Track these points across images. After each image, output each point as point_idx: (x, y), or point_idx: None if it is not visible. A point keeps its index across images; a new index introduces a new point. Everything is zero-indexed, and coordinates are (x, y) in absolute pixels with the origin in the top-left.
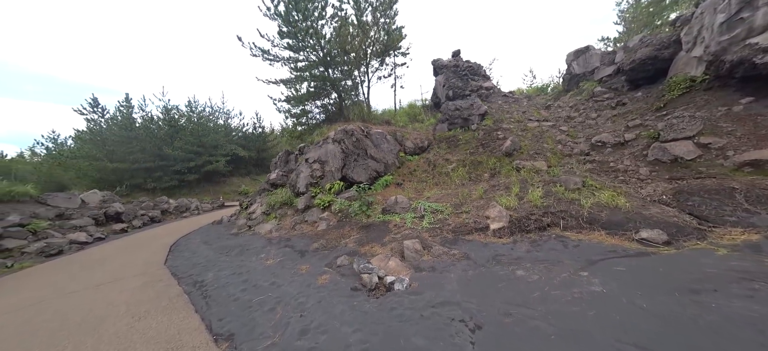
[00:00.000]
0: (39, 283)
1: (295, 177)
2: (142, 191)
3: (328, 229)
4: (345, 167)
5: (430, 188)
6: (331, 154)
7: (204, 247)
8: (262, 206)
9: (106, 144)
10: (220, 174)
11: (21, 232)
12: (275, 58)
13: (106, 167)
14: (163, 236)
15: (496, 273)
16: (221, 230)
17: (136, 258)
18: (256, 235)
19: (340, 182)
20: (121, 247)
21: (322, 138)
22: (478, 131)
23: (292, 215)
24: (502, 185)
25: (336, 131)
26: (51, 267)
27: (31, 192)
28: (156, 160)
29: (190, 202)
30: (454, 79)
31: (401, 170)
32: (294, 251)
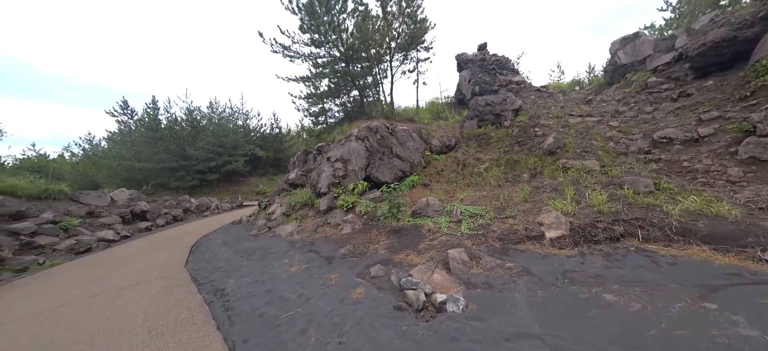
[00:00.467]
0: (63, 285)
1: (316, 176)
2: (165, 190)
3: (354, 233)
4: (369, 166)
5: (462, 189)
6: (354, 152)
7: (224, 248)
8: (281, 207)
9: (134, 144)
10: (238, 174)
11: (54, 229)
12: (295, 54)
13: (133, 166)
14: (185, 236)
15: (576, 296)
16: (241, 231)
17: (157, 259)
18: (276, 237)
19: (364, 182)
20: (144, 246)
21: (344, 136)
22: (513, 128)
23: (313, 217)
24: (548, 187)
25: (359, 128)
26: (78, 266)
27: (65, 190)
28: (179, 159)
29: (211, 201)
30: (480, 73)
31: (427, 170)
32: (319, 257)
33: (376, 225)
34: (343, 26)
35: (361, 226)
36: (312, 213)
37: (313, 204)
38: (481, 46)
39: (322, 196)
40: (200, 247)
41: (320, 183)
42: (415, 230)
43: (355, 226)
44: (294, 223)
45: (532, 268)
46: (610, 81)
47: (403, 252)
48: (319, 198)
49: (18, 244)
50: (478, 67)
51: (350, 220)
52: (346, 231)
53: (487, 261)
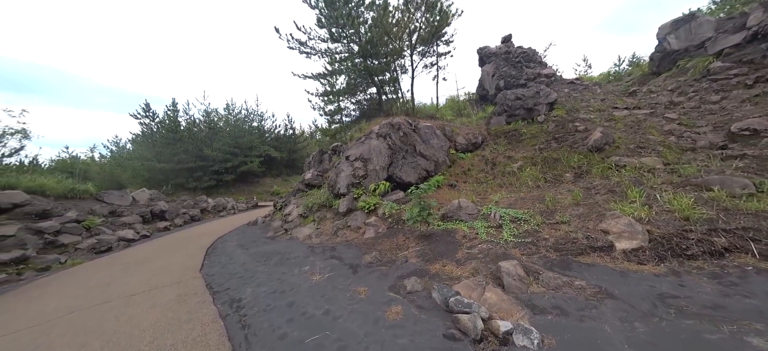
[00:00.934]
0: (78, 287)
1: (334, 176)
2: (184, 190)
3: (378, 238)
4: (391, 165)
5: (494, 190)
6: (375, 150)
7: (240, 251)
8: (298, 208)
9: (155, 145)
10: (253, 174)
11: (77, 228)
12: (312, 50)
13: (154, 167)
14: (201, 237)
15: (699, 335)
16: (257, 232)
17: (173, 261)
18: (294, 241)
19: (386, 183)
20: (161, 246)
21: (363, 133)
22: (548, 123)
23: (332, 219)
24: (600, 188)
25: (380, 125)
26: (96, 266)
27: (90, 189)
28: (197, 160)
29: (227, 201)
30: (505, 67)
31: (453, 169)
32: (343, 265)
33: (401, 229)
34: (362, 19)
35: (385, 229)
36: (330, 215)
37: (332, 205)
38: (505, 39)
39: (340, 197)
40: (216, 249)
41: (339, 183)
42: (447, 236)
43: (378, 230)
44: (312, 225)
45: (612, 289)
46: (657, 70)
47: (439, 261)
48: (338, 199)
49: (42, 243)
50: (502, 61)
51: (373, 224)
52: (370, 235)
53: (548, 277)
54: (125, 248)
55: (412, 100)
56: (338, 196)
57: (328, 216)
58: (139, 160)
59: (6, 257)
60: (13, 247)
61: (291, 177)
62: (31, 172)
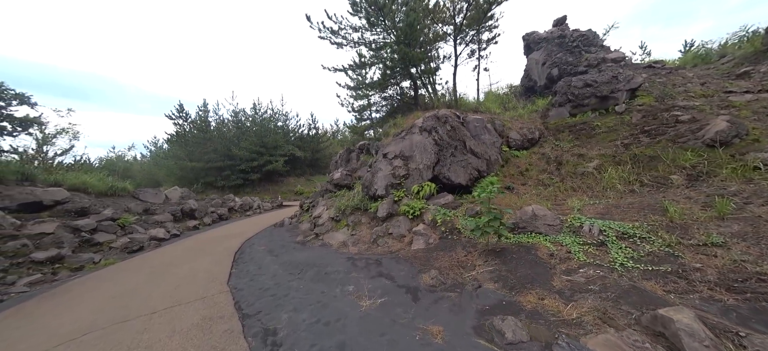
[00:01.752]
0: (101, 297)
1: (370, 177)
2: (212, 189)
3: (431, 251)
4: (438, 164)
5: (566, 194)
6: (418, 147)
7: (270, 259)
8: (329, 210)
9: (187, 145)
10: (278, 174)
11: (112, 226)
12: (344, 40)
13: (186, 166)
14: (228, 238)
15: None
16: (285, 236)
17: (199, 266)
18: (327, 248)
19: (431, 184)
20: (189, 248)
21: (403, 128)
22: (631, 113)
23: (369, 224)
24: (748, 194)
25: (425, 118)
26: (126, 268)
27: (128, 188)
28: (225, 159)
29: (253, 200)
30: (559, 53)
31: (507, 169)
32: (396, 286)
33: (458, 241)
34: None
35: (437, 240)
36: (366, 219)
37: (367, 208)
38: (558, 21)
39: (378, 199)
40: (244, 254)
41: (375, 184)
42: (526, 254)
43: (429, 241)
44: (345, 230)
45: None
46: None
47: (529, 291)
48: (375, 201)
49: (78, 241)
50: (555, 46)
51: (422, 232)
52: (418, 246)
53: (761, 342)
54: (156, 248)
55: (454, 91)
56: (375, 199)
57: (363, 220)
58: (173, 159)
59: (42, 256)
60: (50, 245)
61: (314, 177)
62: (78, 169)
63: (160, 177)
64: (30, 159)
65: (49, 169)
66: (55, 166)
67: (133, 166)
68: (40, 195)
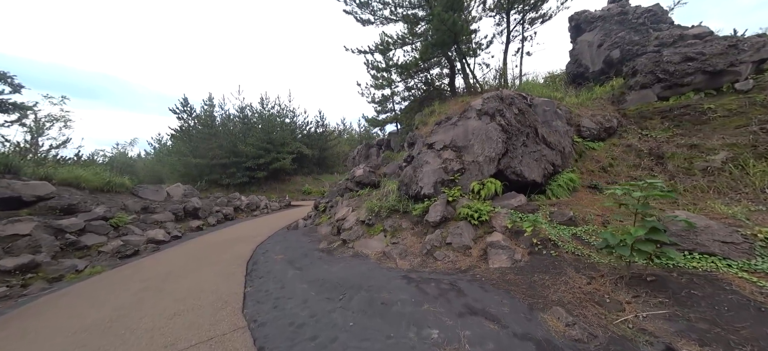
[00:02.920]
0: (71, 327)
1: (411, 172)
2: (217, 187)
3: (523, 271)
4: (506, 155)
5: (696, 197)
6: (477, 134)
7: (293, 273)
8: (356, 212)
9: (191, 141)
10: (285, 172)
11: (104, 226)
12: (372, 15)
13: (190, 162)
14: (237, 242)
15: None
16: (303, 241)
17: (205, 280)
18: (363, 259)
19: (495, 181)
20: (192, 254)
21: (450, 114)
22: (764, 91)
23: (412, 230)
24: None
25: (485, 99)
26: (113, 281)
27: (127, 183)
28: (231, 156)
29: (260, 199)
30: (621, 32)
31: (583, 164)
32: (511, 335)
33: (561, 258)
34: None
35: (526, 256)
36: (408, 224)
37: (409, 210)
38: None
39: (423, 199)
40: (258, 265)
41: (420, 181)
42: (709, 288)
43: (515, 256)
44: (382, 237)
45: None
46: None
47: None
48: (420, 202)
49: (60, 245)
50: (615, 25)
51: (502, 245)
52: (500, 263)
53: None
54: (154, 252)
55: (503, 73)
56: (419, 199)
57: (404, 225)
58: (176, 155)
59: (12, 264)
60: (24, 249)
61: (321, 176)
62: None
63: (163, 174)
64: (22, 151)
65: (39, 161)
66: (50, 159)
67: (137, 163)
68: (19, 189)
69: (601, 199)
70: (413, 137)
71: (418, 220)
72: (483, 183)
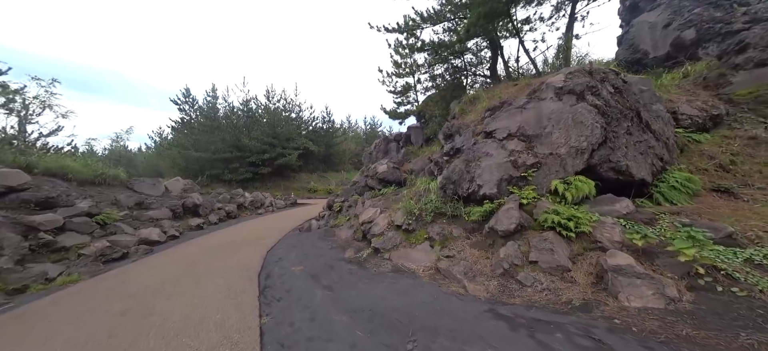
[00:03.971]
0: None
1: (462, 167)
2: (219, 182)
3: (702, 319)
4: (604, 146)
5: None
6: (560, 119)
7: (322, 294)
8: (387, 214)
9: (193, 133)
10: (290, 168)
11: (87, 224)
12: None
13: (191, 156)
14: (243, 245)
15: None
16: (322, 247)
17: (205, 302)
18: (409, 275)
19: (585, 179)
20: (190, 259)
21: (512, 97)
22: None
23: (466, 239)
24: None
25: (567, 74)
26: (89, 295)
27: (121, 176)
28: (234, 150)
29: (264, 197)
30: (696, 9)
31: (689, 159)
32: None
33: (759, 302)
34: None
35: (688, 294)
36: (460, 231)
37: (459, 214)
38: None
39: (480, 201)
40: (272, 278)
41: (478, 178)
42: None
43: (668, 293)
44: (428, 247)
45: None
46: None
47: None
48: (475, 204)
49: (30, 246)
50: (688, 0)
51: (639, 273)
52: (647, 303)
53: None
54: (145, 255)
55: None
56: (476, 201)
57: (456, 233)
58: (176, 148)
59: None
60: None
61: (327, 173)
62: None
63: (163, 168)
64: (8, 139)
65: (21, 150)
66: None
67: (137, 157)
68: None
69: (746, 207)
70: (452, 128)
71: (476, 228)
72: (568, 182)
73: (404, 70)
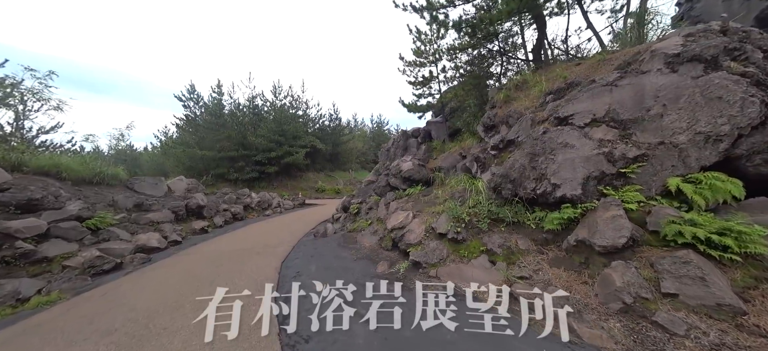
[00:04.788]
0: None
1: (525, 162)
2: (225, 182)
3: None
4: (761, 128)
5: None
6: (682, 96)
7: (374, 340)
8: (422, 218)
9: (198, 131)
10: (297, 167)
11: (76, 229)
12: None
13: (196, 154)
14: (252, 254)
15: None
16: (346, 257)
17: (214, 345)
18: (472, 304)
19: (723, 176)
20: (192, 273)
21: (584, 77)
22: None
23: (539, 254)
24: None
25: (686, 37)
26: (60, 327)
27: (121, 175)
28: (240, 149)
29: (272, 197)
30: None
31: None
32: None
33: None
34: None
35: None
36: (527, 242)
37: (523, 221)
38: None
39: (556, 205)
40: (303, 314)
41: (552, 175)
42: None
43: None
44: (487, 262)
45: None
46: None
47: None
48: (547, 209)
49: (3, 258)
50: None
51: None
52: None
53: None
54: (142, 265)
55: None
56: (549, 204)
57: (523, 245)
58: (181, 147)
59: None
60: None
61: (334, 172)
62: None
63: (168, 167)
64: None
65: (13, 147)
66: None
67: (142, 156)
68: None
69: None
70: (494, 117)
71: (550, 239)
72: (696, 180)
73: (427, 57)
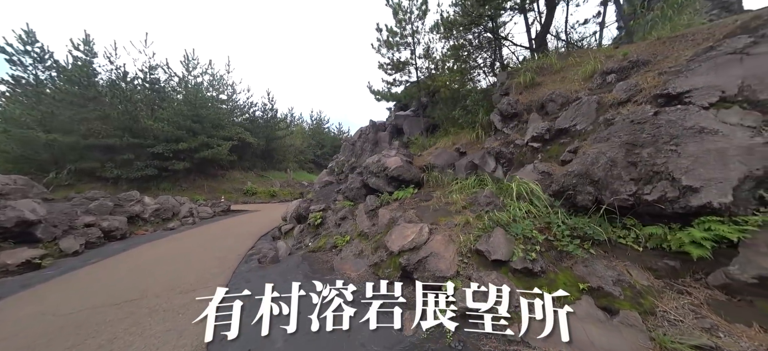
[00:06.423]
0: None
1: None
2: (95, 180)
3: None
4: None
5: None
6: None
7: None
8: (453, 237)
9: (41, 103)
10: (219, 164)
11: None
12: None
13: (36, 139)
14: (129, 322)
15: None
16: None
17: None
18: None
19: None
20: None
21: (690, 44)
22: None
23: (682, 295)
24: None
25: None
26: None
27: None
28: (125, 135)
29: (179, 203)
30: None
31: None
32: None
33: None
34: None
35: None
36: (647, 276)
37: (622, 241)
38: None
39: (684, 216)
40: None
41: (685, 174)
42: None
43: None
44: (599, 312)
45: None
46: None
47: None
48: (664, 224)
49: None
50: None
51: None
52: None
53: None
54: None
55: None
56: (673, 217)
57: (643, 280)
58: (2, 125)
59: None
60: None
61: (267, 172)
62: None
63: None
64: None
65: None
66: None
67: None
68: None
69: None
70: (515, 104)
71: (678, 267)
72: None
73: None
